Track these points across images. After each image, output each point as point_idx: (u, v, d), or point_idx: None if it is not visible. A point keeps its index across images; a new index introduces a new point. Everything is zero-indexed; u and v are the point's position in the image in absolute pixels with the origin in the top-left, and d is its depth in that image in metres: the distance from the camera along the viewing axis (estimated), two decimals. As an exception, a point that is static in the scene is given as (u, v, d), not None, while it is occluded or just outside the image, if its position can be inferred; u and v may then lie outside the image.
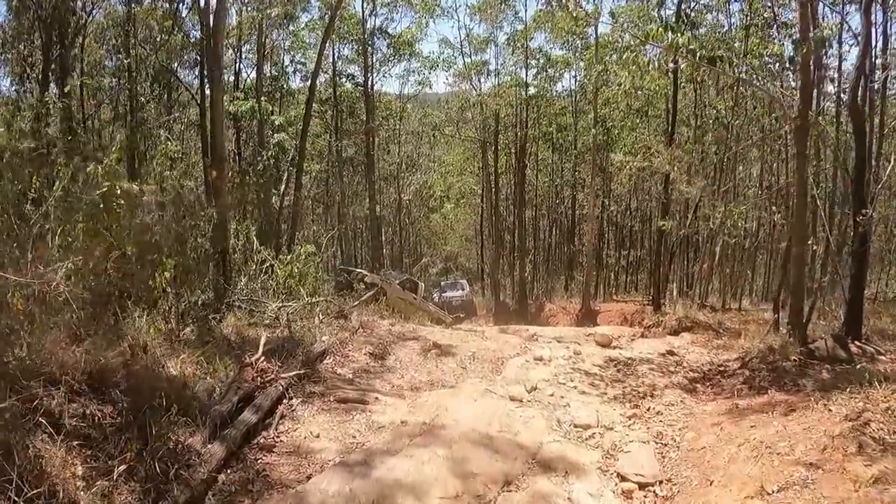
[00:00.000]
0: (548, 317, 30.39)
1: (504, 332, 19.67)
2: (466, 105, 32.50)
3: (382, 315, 16.44)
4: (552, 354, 12.86)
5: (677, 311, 19.40)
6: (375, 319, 15.20)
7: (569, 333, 19.46)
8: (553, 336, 18.02)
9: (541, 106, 32.99)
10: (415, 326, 15.37)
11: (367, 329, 13.85)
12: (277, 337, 12.20)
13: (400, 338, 13.65)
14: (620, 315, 27.29)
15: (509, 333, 19.38)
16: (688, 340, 17.06)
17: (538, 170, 35.12)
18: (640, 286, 35.23)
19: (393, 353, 12.52)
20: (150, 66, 24.23)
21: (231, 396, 8.69)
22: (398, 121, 36.15)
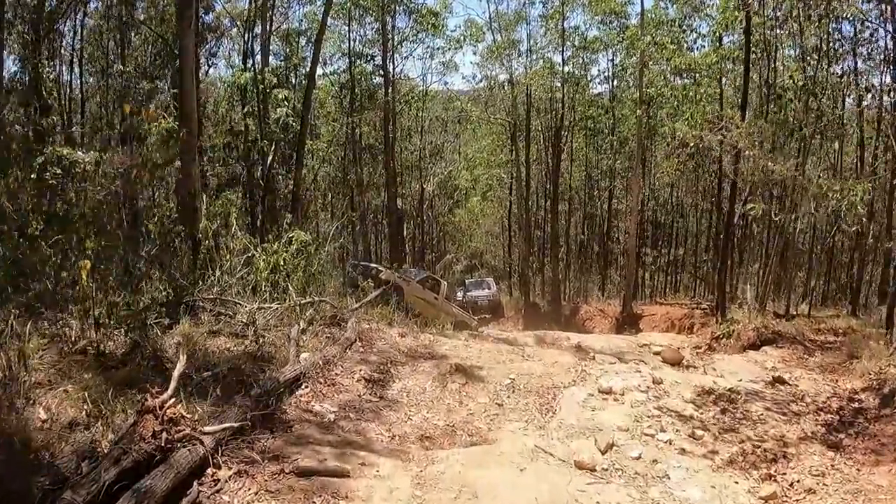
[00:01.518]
0: (584, 320, 26.36)
1: (542, 342, 15.90)
2: (495, 86, 28.51)
3: (391, 322, 12.57)
4: (624, 384, 8.85)
5: (751, 318, 15.28)
6: (381, 328, 11.37)
7: (620, 344, 15.57)
8: (606, 348, 14.18)
9: (575, 90, 28.91)
10: (431, 338, 11.50)
11: (368, 342, 10.03)
12: (237, 354, 8.36)
13: (410, 355, 9.81)
14: (666, 319, 23.21)
15: (549, 344, 15.63)
16: (776, 358, 13.03)
17: (571, 160, 31.02)
18: (680, 287, 31.01)
19: (399, 379, 8.70)
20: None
21: (106, 470, 4.87)
22: (421, 104, 32.18)
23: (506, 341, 15.55)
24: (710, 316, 21.40)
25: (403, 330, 11.58)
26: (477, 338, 15.86)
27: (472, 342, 11.44)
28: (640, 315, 24.35)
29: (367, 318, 11.91)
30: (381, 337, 10.52)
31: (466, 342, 11.22)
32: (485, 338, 15.97)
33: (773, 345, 14.32)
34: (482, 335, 18.04)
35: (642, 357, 12.11)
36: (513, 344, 15.04)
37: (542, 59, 28.85)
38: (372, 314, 12.77)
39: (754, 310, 15.78)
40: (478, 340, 12.57)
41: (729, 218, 16.45)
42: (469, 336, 16.01)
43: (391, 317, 13.03)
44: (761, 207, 13.78)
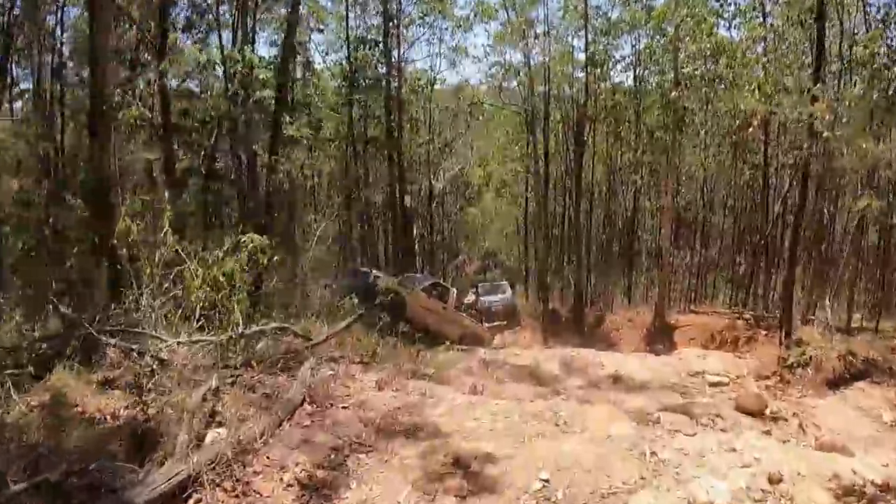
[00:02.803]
0: (610, 331, 22.96)
1: (569, 369, 12.65)
2: (509, 70, 25.06)
3: (372, 358, 9.29)
4: (728, 489, 5.37)
5: (830, 340, 11.81)
6: (352, 374, 8.06)
7: (666, 373, 12.29)
8: (652, 381, 11.19)
9: (598, 77, 25.36)
10: (424, 390, 8.13)
11: (323, 403, 6.69)
12: (108, 431, 5.16)
13: (385, 429, 6.63)
14: (704, 331, 19.82)
15: (578, 372, 12.36)
16: (882, 400, 9.57)
17: (594, 153, 27.45)
18: (713, 291, 27.42)
19: (357, 482, 5.45)
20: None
21: None
22: (429, 93, 28.73)
23: (528, 372, 12.25)
24: (755, 328, 18.01)
25: (385, 376, 8.27)
26: (490, 365, 12.58)
27: (481, 404, 8.00)
28: (674, 326, 20.94)
29: (337, 356, 8.62)
30: (346, 393, 7.22)
31: (471, 402, 7.76)
32: (499, 365, 12.67)
33: (866, 379, 10.94)
34: (495, 354, 14.80)
35: (710, 405, 8.69)
36: (537, 378, 11.81)
37: (560, 42, 25.34)
38: (348, 346, 9.50)
39: (832, 328, 12.27)
40: (490, 386, 9.19)
41: (799, 212, 12.93)
42: (480, 361, 12.77)
43: (374, 349, 9.72)
44: (877, 204, 10.31)
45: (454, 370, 10.98)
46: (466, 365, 12.10)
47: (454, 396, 7.81)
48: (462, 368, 11.52)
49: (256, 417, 5.96)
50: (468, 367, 11.91)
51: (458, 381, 9.49)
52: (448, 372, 10.34)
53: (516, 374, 12.01)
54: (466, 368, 11.73)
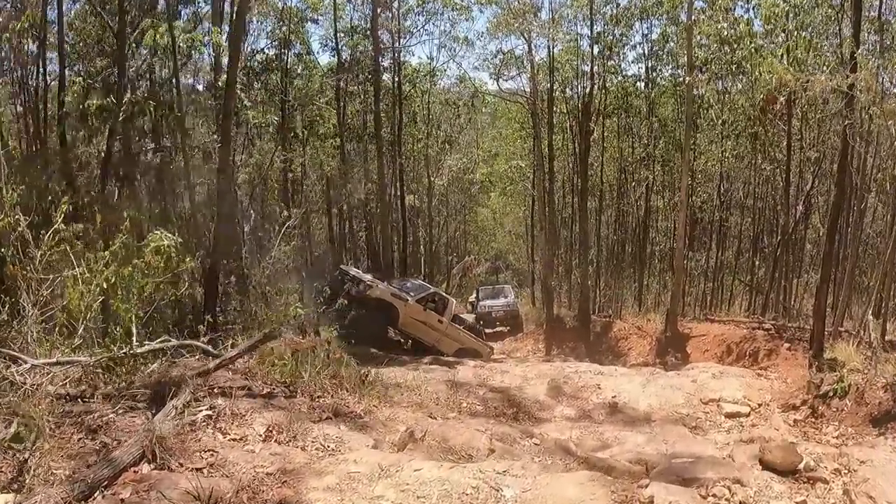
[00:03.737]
0: (617, 339, 20.83)
1: (559, 394, 10.70)
2: (510, 60, 22.87)
3: (289, 388, 7.31)
4: None
5: (873, 363, 9.59)
6: (239, 412, 6.13)
7: (675, 400, 10.24)
8: (653, 408, 9.44)
9: (606, 67, 23.17)
10: (330, 441, 6.18)
11: (165, 464, 4.73)
12: None
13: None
14: (721, 343, 17.73)
15: (568, 398, 10.38)
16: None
17: (602, 149, 25.20)
18: (730, 296, 25.10)
19: None
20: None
21: None
22: (428, 84, 26.71)
23: (507, 398, 10.24)
24: (777, 339, 15.82)
25: (284, 419, 6.24)
26: (460, 389, 10.55)
27: (394, 460, 5.80)
28: (688, 336, 18.75)
29: (238, 385, 6.64)
30: (211, 446, 5.23)
31: (384, 463, 5.61)
32: (473, 388, 10.66)
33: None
34: (477, 371, 12.85)
35: (725, 461, 6.54)
36: (516, 406, 9.87)
37: (566, 30, 23.14)
38: (263, 370, 7.50)
39: (874, 346, 10.05)
40: (435, 430, 7.10)
41: (835, 211, 10.71)
42: (449, 384, 10.73)
43: (294, 374, 7.68)
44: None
45: (406, 399, 8.95)
46: (430, 390, 10.04)
47: (363, 455, 5.75)
48: (418, 397, 9.46)
49: (61, 482, 4.03)
50: (430, 393, 9.86)
51: (394, 422, 7.43)
52: (391, 405, 8.30)
53: (491, 402, 9.99)
54: (425, 396, 9.66)
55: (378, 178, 22.69)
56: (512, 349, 22.92)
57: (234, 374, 7.45)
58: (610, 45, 22.44)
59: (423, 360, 15.99)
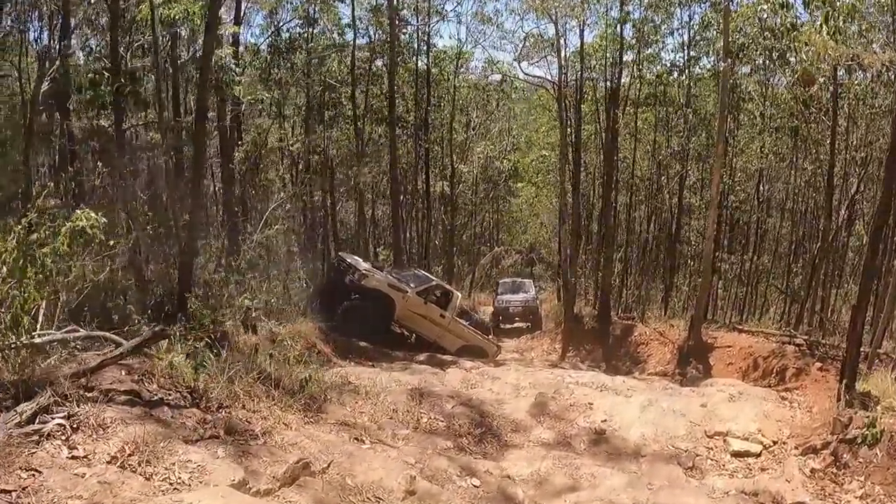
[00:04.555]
0: (636, 345, 19.11)
1: (544, 411, 9.27)
2: (537, 43, 21.09)
3: (192, 395, 5.97)
4: None
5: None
6: (102, 422, 4.86)
7: (674, 430, 8.71)
8: (646, 438, 8.42)
9: (641, 56, 21.23)
10: (176, 480, 4.67)
11: None
12: None
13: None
14: (747, 356, 15.94)
15: (553, 419, 8.96)
16: None
17: (636, 139, 23.27)
18: (764, 303, 22.99)
19: None
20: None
21: None
22: (455, 65, 25.13)
23: (478, 415, 8.79)
24: (808, 357, 13.94)
25: (151, 433, 4.99)
26: (425, 400, 9.10)
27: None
28: (712, 346, 16.94)
29: (124, 388, 5.33)
30: (33, 463, 4.01)
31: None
32: (443, 401, 9.19)
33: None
34: (457, 377, 11.44)
35: None
36: (486, 427, 8.44)
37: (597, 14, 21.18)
38: (164, 371, 6.17)
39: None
40: (347, 463, 5.71)
41: (880, 217, 8.87)
42: (412, 394, 9.33)
43: (193, 381, 6.34)
44: None
45: (352, 410, 7.64)
46: (390, 399, 8.63)
47: (211, 496, 4.44)
48: (371, 407, 8.10)
49: None
50: (389, 403, 8.46)
51: (295, 447, 6.02)
52: (316, 420, 6.99)
53: (457, 419, 8.56)
54: (379, 407, 8.26)
55: (390, 161, 21.19)
56: (526, 347, 21.36)
57: (129, 375, 6.10)
58: (643, 30, 20.43)
59: (418, 358, 14.64)
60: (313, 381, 8.22)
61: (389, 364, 13.39)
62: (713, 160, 16.55)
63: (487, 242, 40.13)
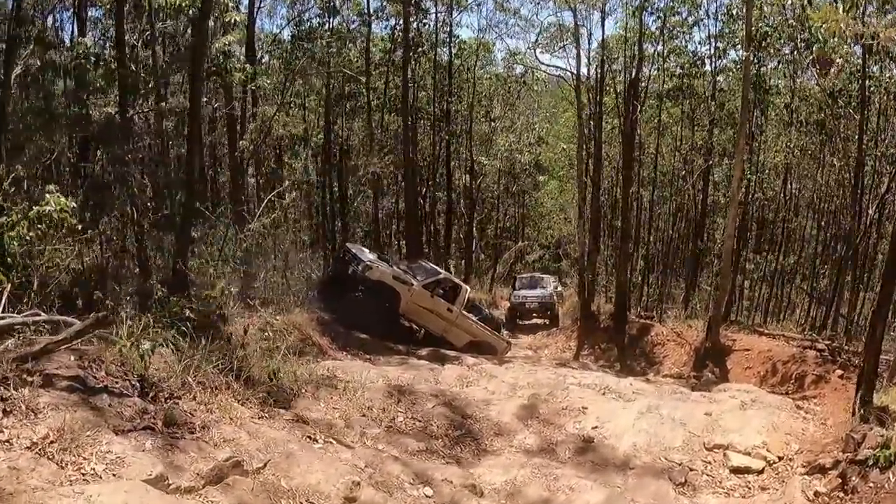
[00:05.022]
0: (653, 345, 18.27)
1: (533, 415, 8.57)
2: (554, 32, 20.17)
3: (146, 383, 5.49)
4: None
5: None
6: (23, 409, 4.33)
7: (670, 440, 8.01)
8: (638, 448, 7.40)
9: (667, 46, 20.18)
10: None
11: None
12: None
13: None
14: (765, 361, 14.88)
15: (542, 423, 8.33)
16: None
17: (659, 135, 22.24)
18: (788, 304, 21.88)
19: None
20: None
21: None
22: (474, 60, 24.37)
23: (460, 417, 8.19)
24: (830, 364, 13.06)
25: (81, 420, 4.75)
26: (403, 398, 8.53)
27: None
28: (730, 349, 16.04)
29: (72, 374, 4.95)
30: None
31: None
32: (425, 399, 8.59)
33: None
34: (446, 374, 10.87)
35: None
36: (465, 430, 7.94)
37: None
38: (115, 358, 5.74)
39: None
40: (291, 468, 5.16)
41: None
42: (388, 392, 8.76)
43: (145, 368, 5.87)
44: None
45: (326, 405, 7.18)
46: (367, 396, 8.09)
47: (118, 490, 4.21)
48: (345, 403, 7.60)
49: None
50: (365, 399, 7.91)
51: (232, 443, 5.55)
52: (271, 415, 6.52)
53: (435, 420, 8.01)
54: (352, 404, 7.73)
55: (405, 151, 20.51)
56: (541, 345, 20.60)
57: (79, 361, 5.68)
58: (666, 19, 19.36)
59: (420, 353, 14.03)
60: (286, 373, 7.78)
61: (388, 358, 12.87)
62: (735, 154, 15.57)
63: (513, 237, 39.25)
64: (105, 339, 6.15)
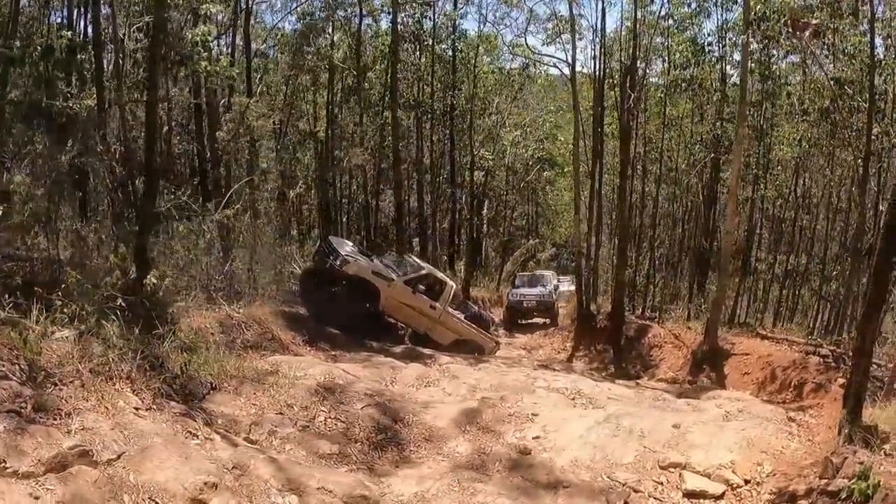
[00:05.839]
0: (650, 347, 17.05)
1: (473, 420, 7.63)
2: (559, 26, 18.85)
3: None
4: None
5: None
6: None
7: (621, 455, 6.71)
8: (586, 467, 6.81)
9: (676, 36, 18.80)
10: None
11: None
12: None
13: None
14: (765, 366, 13.42)
15: (481, 425, 8.23)
16: None
17: (664, 125, 20.81)
18: (804, 308, 20.37)
19: None
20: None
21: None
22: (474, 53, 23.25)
23: (387, 418, 7.26)
24: (832, 371, 11.82)
25: None
26: (329, 398, 7.61)
27: None
28: (729, 352, 14.79)
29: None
30: None
31: None
32: (357, 400, 7.61)
33: None
34: (392, 373, 9.95)
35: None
36: (391, 434, 7.07)
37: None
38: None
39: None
40: None
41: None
42: (315, 391, 7.85)
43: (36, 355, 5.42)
44: None
45: (251, 400, 6.65)
46: (292, 392, 7.22)
47: None
48: (269, 397, 6.82)
49: None
50: (289, 395, 7.07)
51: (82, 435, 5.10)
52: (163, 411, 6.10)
53: (361, 422, 7.22)
54: (271, 400, 6.93)
55: (392, 143, 19.41)
56: (536, 345, 19.43)
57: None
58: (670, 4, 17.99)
59: (394, 350, 13.03)
60: (205, 367, 7.33)
61: (353, 355, 11.95)
62: (735, 143, 14.22)
63: (527, 236, 38.03)
64: (15, 324, 5.91)
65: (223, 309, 11.14)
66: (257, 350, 10.28)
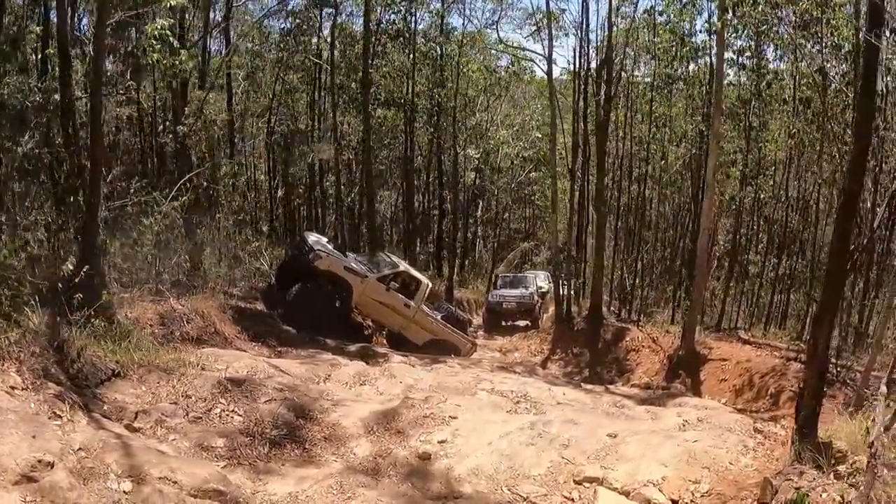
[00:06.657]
0: (627, 351, 16.18)
1: (387, 421, 7.75)
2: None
3: None
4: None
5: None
6: None
7: (534, 463, 5.81)
8: (492, 475, 6.08)
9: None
10: None
11: None
12: None
13: None
14: (742, 372, 12.78)
15: (390, 427, 7.45)
16: None
17: (650, 122, 19.89)
18: (783, 310, 19.37)
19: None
20: None
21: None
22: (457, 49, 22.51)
23: (292, 414, 6.53)
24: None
25: None
26: (232, 394, 7.00)
27: None
28: (706, 357, 13.95)
29: None
30: None
31: None
32: (268, 401, 6.86)
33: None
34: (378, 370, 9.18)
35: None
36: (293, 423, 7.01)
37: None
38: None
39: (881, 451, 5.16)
40: None
41: (848, 199, 5.97)
42: (222, 386, 7.15)
43: None
44: None
45: (132, 392, 6.74)
46: (196, 384, 6.68)
47: None
48: (169, 386, 6.33)
49: None
50: (192, 386, 6.51)
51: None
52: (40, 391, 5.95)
53: (261, 416, 6.89)
54: (171, 390, 6.38)
55: (364, 135, 18.54)
56: (512, 347, 18.52)
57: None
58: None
59: (349, 349, 12.30)
60: (110, 354, 6.99)
61: (299, 351, 11.35)
62: (710, 137, 13.33)
63: (526, 237, 37.17)
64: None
65: (168, 302, 10.63)
66: (196, 343, 9.77)
